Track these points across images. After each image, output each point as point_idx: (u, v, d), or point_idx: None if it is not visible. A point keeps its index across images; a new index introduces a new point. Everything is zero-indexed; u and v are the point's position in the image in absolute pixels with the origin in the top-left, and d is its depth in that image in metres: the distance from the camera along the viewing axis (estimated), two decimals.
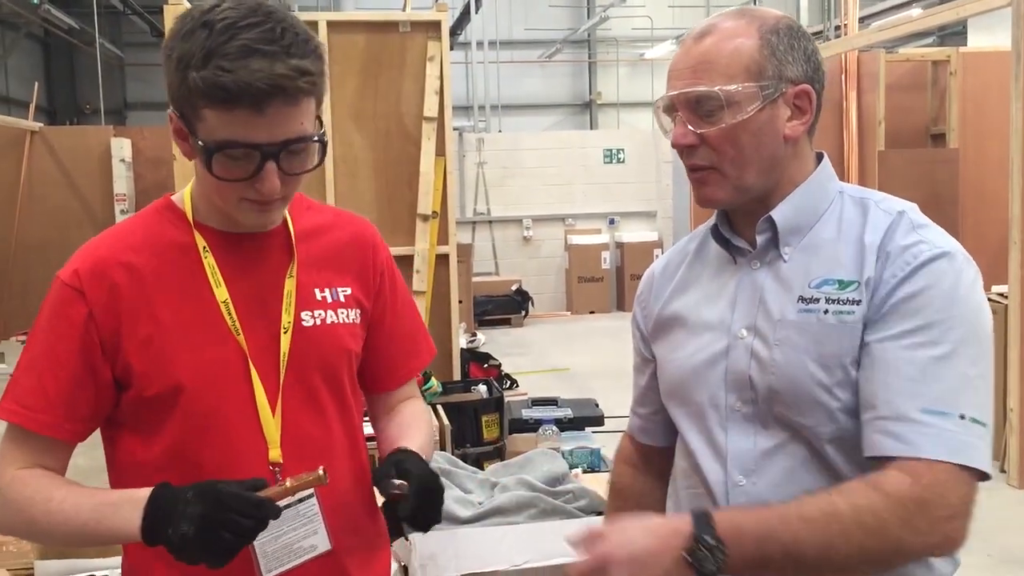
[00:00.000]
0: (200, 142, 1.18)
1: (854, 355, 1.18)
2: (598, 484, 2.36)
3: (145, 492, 1.17)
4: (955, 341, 1.14)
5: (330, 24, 4.33)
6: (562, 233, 12.03)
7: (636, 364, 1.51)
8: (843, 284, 1.21)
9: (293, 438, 1.29)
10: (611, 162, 12.23)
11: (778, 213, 1.27)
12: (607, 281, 11.79)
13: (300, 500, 1.27)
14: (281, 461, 1.27)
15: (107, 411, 1.29)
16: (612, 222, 12.21)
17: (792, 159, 1.28)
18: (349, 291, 1.37)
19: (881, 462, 1.14)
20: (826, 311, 1.20)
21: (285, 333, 1.29)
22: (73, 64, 15.48)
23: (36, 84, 11.40)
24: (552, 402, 3.92)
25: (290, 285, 1.31)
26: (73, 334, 1.25)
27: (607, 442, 3.15)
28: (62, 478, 1.26)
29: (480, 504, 2.29)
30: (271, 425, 1.27)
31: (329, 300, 1.34)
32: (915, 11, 10.26)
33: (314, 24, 4.12)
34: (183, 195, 1.33)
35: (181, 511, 1.11)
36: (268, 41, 1.14)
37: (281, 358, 1.29)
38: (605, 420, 3.85)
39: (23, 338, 9.98)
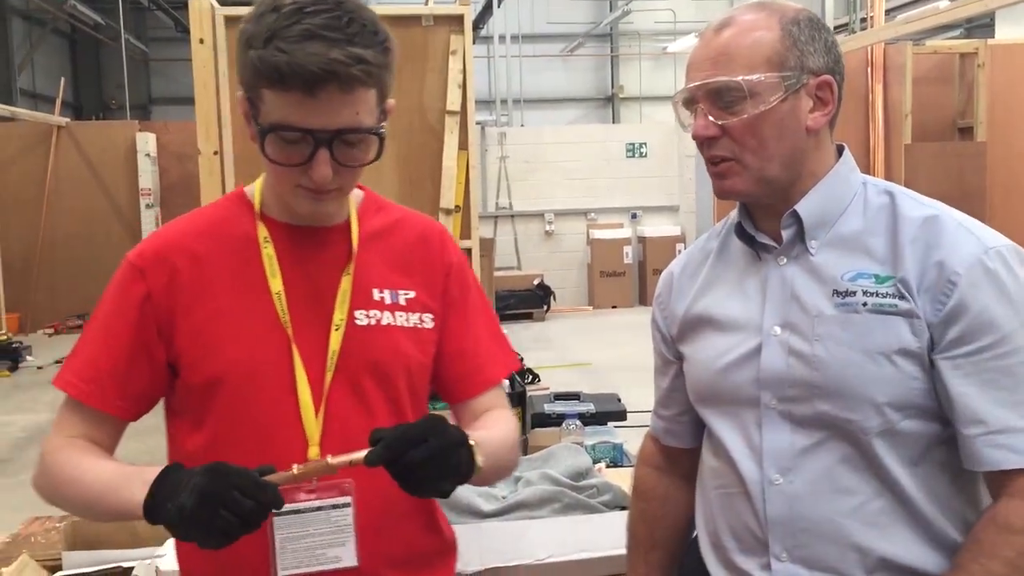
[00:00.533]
0: (258, 124, 1.19)
1: (900, 347, 1.18)
2: (621, 479, 2.35)
3: (157, 470, 1.15)
4: None
5: None
6: (584, 227, 12.01)
7: (658, 366, 1.50)
8: (880, 279, 1.20)
9: (336, 438, 1.24)
10: (633, 156, 12.18)
11: (803, 207, 1.26)
12: (629, 276, 11.75)
13: (335, 507, 1.23)
14: None
15: (160, 393, 1.29)
16: (634, 216, 12.17)
17: (814, 151, 1.27)
18: (412, 295, 1.34)
19: (997, 476, 1.17)
20: (865, 304, 1.20)
21: (336, 330, 1.27)
22: (99, 60, 15.61)
23: (62, 80, 11.51)
24: (574, 396, 3.91)
25: (346, 283, 1.29)
26: (130, 312, 1.26)
27: (630, 437, 3.15)
28: (99, 451, 1.26)
29: (503, 498, 2.29)
30: (312, 422, 1.25)
31: (387, 301, 1.31)
32: (942, 3, 10.14)
33: None
34: (255, 186, 1.34)
35: (185, 484, 1.08)
36: (332, 28, 1.13)
37: (330, 356, 1.26)
38: (628, 415, 3.83)
39: (50, 331, 10.12)
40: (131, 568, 1.80)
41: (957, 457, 1.20)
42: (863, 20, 9.03)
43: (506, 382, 4.16)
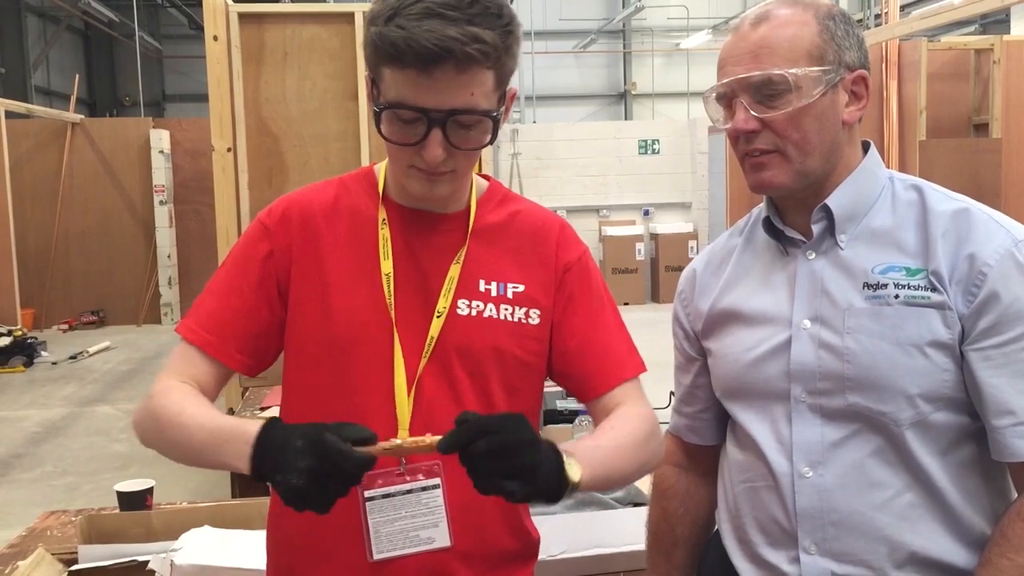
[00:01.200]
0: (375, 103, 1.20)
1: (932, 339, 1.18)
2: None
3: (254, 429, 1.13)
4: None
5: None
6: (596, 224, 12.00)
7: (680, 364, 1.49)
8: (911, 271, 1.21)
9: (424, 424, 1.24)
10: (646, 153, 12.16)
11: (834, 201, 1.26)
12: (642, 272, 11.74)
13: (424, 488, 1.23)
14: None
15: (277, 351, 1.32)
16: (647, 213, 12.15)
17: (847, 145, 1.28)
18: (521, 288, 1.31)
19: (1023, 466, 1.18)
20: (897, 296, 1.20)
21: (438, 317, 1.26)
22: (113, 57, 15.69)
23: (76, 77, 11.56)
24: None
25: (454, 271, 1.28)
26: (254, 268, 1.29)
27: None
28: (203, 399, 1.26)
29: None
30: (404, 407, 1.25)
31: (493, 293, 1.29)
32: None
33: (350, 15, 4.13)
34: (381, 166, 1.35)
35: (291, 463, 1.06)
36: (453, 7, 1.13)
37: (428, 341, 1.26)
38: None
39: (65, 327, 10.18)
40: (147, 562, 1.81)
41: (986, 450, 1.21)
42: (877, 16, 8.99)
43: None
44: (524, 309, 1.30)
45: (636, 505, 2.24)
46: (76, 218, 10.38)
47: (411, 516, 1.23)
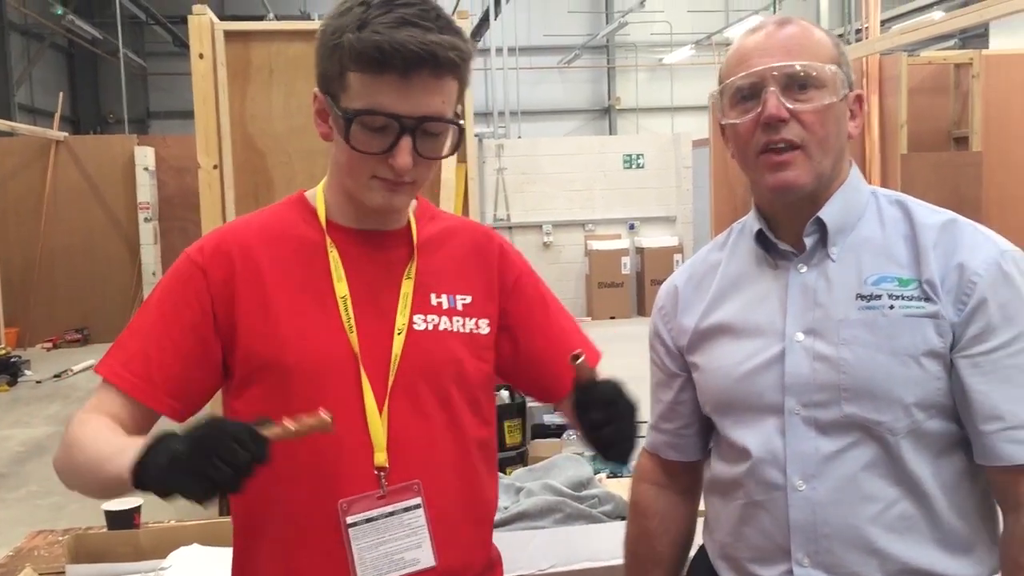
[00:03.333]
0: (340, 112, 1.18)
1: (927, 348, 1.20)
2: (622, 489, 2.36)
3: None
4: None
5: None
6: (582, 239, 12.03)
7: (660, 380, 1.48)
8: (903, 281, 1.23)
9: (398, 443, 1.24)
10: (630, 167, 12.21)
11: (826, 213, 1.28)
12: (627, 286, 11.77)
13: (406, 509, 1.23)
14: (387, 465, 1.23)
15: (210, 396, 1.27)
16: (632, 227, 12.19)
17: (844, 158, 1.31)
18: (469, 299, 1.33)
19: (1010, 476, 1.20)
20: (891, 307, 1.22)
21: (399, 335, 1.26)
22: (97, 74, 15.66)
23: (60, 94, 11.54)
24: None
25: (407, 287, 1.29)
26: (187, 308, 1.24)
27: None
28: (120, 428, 1.20)
29: (505, 508, 2.30)
30: (378, 428, 1.24)
31: (445, 306, 1.31)
32: (937, 14, 10.20)
33: None
34: (316, 191, 1.34)
35: (180, 436, 1.03)
36: (422, 17, 1.16)
37: (392, 359, 1.25)
38: None
39: (49, 345, 10.11)
40: None
41: (973, 459, 1.23)
42: (858, 31, 9.08)
43: (505, 392, 4.13)
44: (474, 319, 1.32)
45: (623, 519, 2.25)
46: (60, 236, 10.33)
47: (394, 539, 1.23)
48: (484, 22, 12.58)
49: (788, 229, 1.31)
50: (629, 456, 1.21)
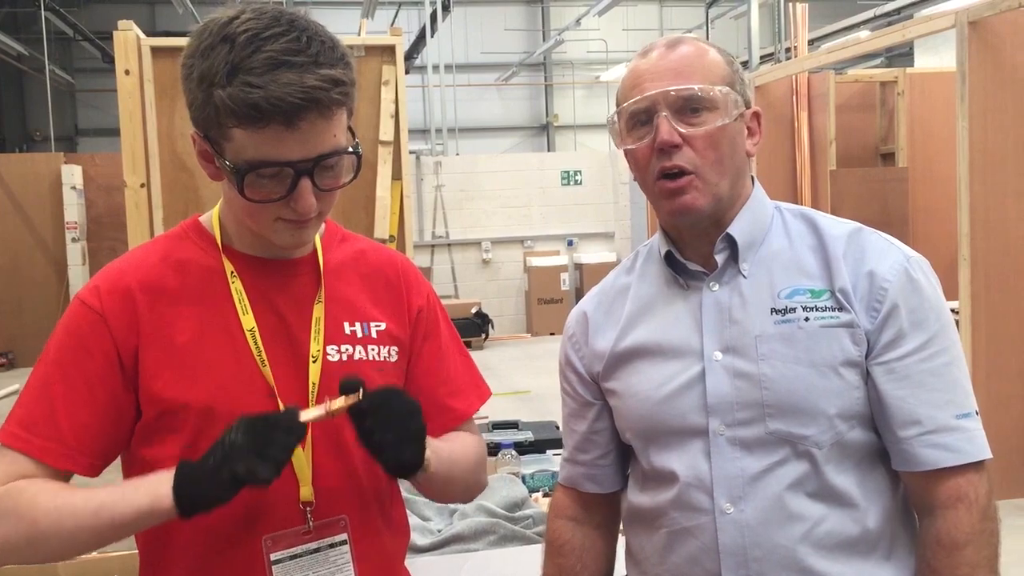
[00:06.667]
0: (229, 163, 1.11)
1: (844, 358, 1.21)
2: None
3: (160, 473, 1.09)
4: (950, 344, 1.24)
5: None
6: (521, 255, 12.05)
7: (573, 410, 1.43)
8: (816, 293, 1.23)
9: (322, 476, 1.20)
10: (568, 184, 12.29)
11: (736, 229, 1.27)
12: (567, 302, 11.81)
13: (332, 546, 1.20)
14: (313, 500, 1.19)
15: (124, 444, 1.20)
16: (570, 243, 12.26)
17: (746, 176, 1.31)
18: (383, 326, 1.29)
19: (927, 481, 1.21)
20: (807, 319, 1.22)
21: (314, 363, 1.21)
22: (23, 91, 15.24)
23: None
24: (513, 425, 3.89)
25: (318, 311, 1.24)
26: (91, 361, 1.15)
27: None
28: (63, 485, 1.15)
29: (438, 532, 2.26)
30: (302, 462, 1.19)
31: (359, 335, 1.26)
32: (863, 33, 10.47)
33: None
34: (211, 216, 1.26)
35: (222, 438, 1.06)
36: (295, 52, 1.07)
37: (310, 389, 1.21)
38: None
39: None
40: None
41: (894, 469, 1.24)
42: (788, 50, 9.27)
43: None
44: (387, 347, 1.29)
45: None
46: None
47: None
48: (421, 39, 12.57)
49: (695, 249, 1.30)
50: (411, 465, 1.17)
